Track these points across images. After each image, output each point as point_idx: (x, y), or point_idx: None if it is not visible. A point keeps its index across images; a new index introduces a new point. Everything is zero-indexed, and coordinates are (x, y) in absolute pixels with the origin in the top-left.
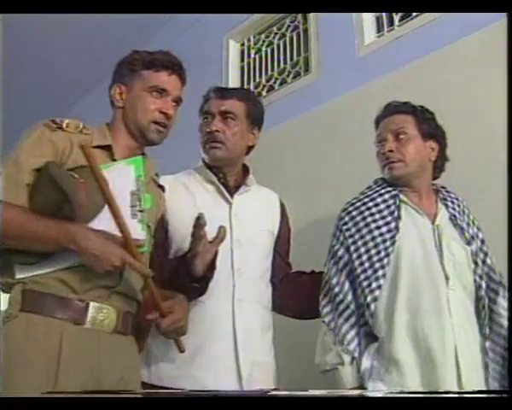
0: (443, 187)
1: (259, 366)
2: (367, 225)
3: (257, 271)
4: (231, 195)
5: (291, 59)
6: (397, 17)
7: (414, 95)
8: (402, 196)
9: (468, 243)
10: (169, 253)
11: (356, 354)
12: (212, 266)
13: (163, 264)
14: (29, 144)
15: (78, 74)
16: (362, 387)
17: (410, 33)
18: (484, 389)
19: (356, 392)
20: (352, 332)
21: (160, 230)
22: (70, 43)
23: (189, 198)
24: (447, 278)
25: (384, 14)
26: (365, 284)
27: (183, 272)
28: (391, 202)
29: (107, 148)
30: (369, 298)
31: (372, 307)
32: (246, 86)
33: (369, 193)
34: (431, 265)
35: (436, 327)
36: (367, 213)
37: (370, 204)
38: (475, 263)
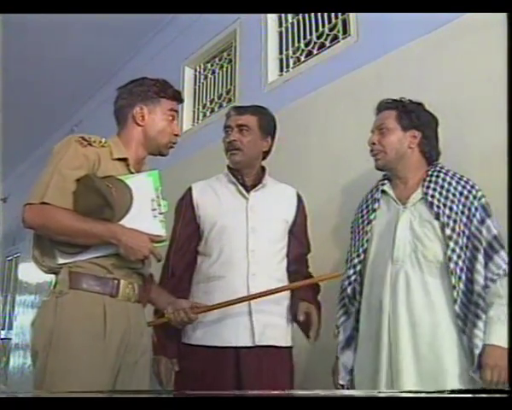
0: (441, 167)
1: (274, 327)
2: (357, 220)
3: (270, 251)
4: (248, 192)
5: (226, 87)
6: (291, 60)
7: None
8: (384, 188)
9: (437, 217)
10: (198, 242)
11: (341, 329)
12: None
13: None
14: (67, 158)
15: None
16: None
17: (299, 75)
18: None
19: (358, 392)
20: (341, 312)
21: (191, 224)
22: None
23: (215, 198)
24: (392, 256)
25: (284, 57)
26: (350, 272)
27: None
28: (374, 196)
29: (124, 159)
30: (345, 282)
31: (348, 290)
32: (196, 108)
33: (368, 192)
34: (389, 245)
35: (387, 294)
36: (359, 210)
37: (362, 202)
38: (450, 233)
